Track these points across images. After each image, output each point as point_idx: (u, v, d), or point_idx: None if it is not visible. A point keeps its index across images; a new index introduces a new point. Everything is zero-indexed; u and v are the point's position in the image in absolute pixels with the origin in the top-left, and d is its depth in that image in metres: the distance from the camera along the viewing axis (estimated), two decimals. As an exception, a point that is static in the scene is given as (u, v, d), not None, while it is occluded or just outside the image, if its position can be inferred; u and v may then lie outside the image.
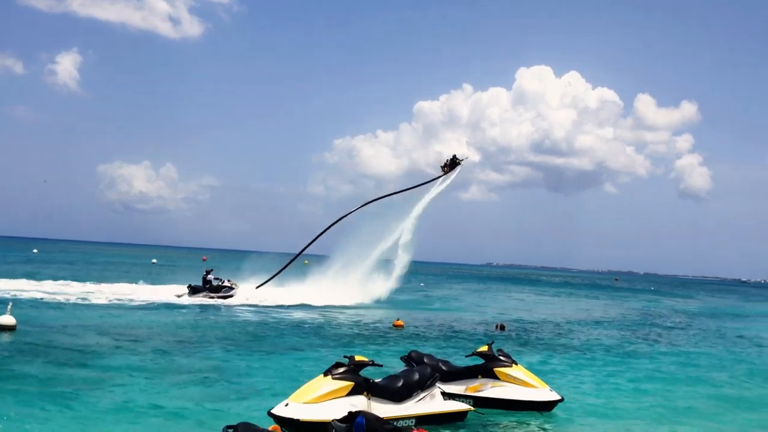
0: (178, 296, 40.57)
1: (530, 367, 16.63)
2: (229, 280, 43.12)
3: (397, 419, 13.13)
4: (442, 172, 48.58)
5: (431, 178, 48.44)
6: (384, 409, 13.14)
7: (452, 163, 48.80)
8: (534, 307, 52.77)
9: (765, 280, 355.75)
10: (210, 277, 42.14)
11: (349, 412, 8.28)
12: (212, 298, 40.43)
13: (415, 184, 48.58)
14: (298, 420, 12.14)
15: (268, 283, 46.58)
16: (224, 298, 40.79)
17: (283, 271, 48.02)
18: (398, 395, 13.44)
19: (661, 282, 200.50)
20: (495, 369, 15.26)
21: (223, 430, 8.93)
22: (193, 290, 41.25)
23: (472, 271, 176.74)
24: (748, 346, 33.30)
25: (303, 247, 49.14)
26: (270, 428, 11.25)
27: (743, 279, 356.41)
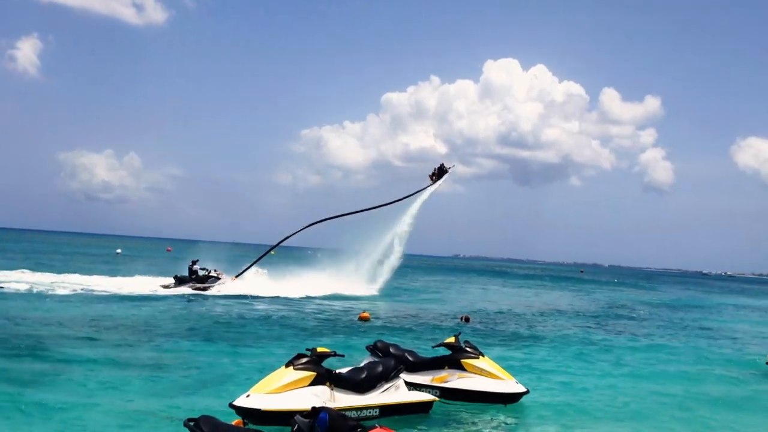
0: (164, 287, 39.91)
1: (496, 359, 16.60)
2: (215, 270, 42.58)
3: (361, 408, 13.07)
4: (431, 181, 49.03)
5: (421, 188, 48.76)
6: (347, 399, 13.06)
7: (440, 172, 49.50)
8: (500, 299, 53.06)
9: (725, 273, 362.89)
10: (196, 267, 41.64)
11: (313, 408, 8.13)
12: (198, 289, 39.90)
13: (405, 195, 48.69)
14: (259, 410, 12.00)
15: (248, 273, 45.49)
16: (205, 288, 40.27)
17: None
18: (361, 386, 13.35)
19: (625, 274, 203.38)
20: (461, 360, 15.23)
21: (184, 423, 8.72)
22: (180, 281, 40.76)
23: (439, 263, 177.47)
24: (710, 336, 33.81)
25: (280, 240, 49.01)
26: (234, 422, 11.06)
27: (704, 271, 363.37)
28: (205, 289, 40.33)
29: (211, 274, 41.67)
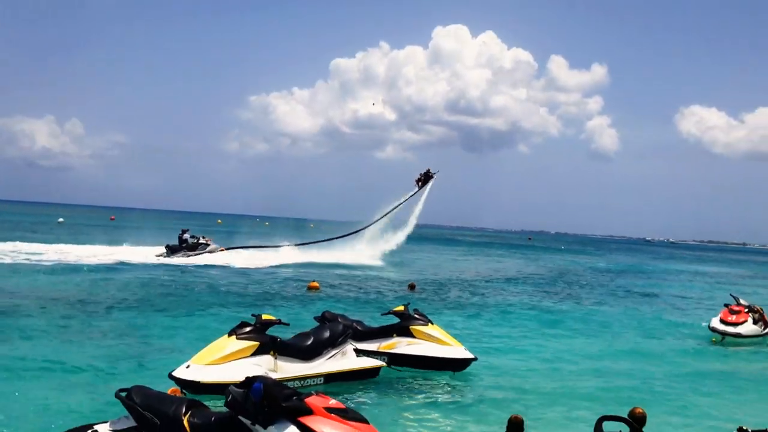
0: (158, 256, 40.55)
1: (445, 326, 16.66)
2: (203, 237, 43.82)
3: (306, 377, 12.92)
4: (417, 187, 51.70)
5: (409, 195, 52.28)
6: (292, 368, 12.89)
7: (426, 177, 52.08)
8: (449, 267, 53.42)
9: (668, 239, 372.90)
10: (186, 236, 42.67)
11: (247, 378, 7.95)
12: (189, 256, 40.99)
13: (397, 203, 52.52)
14: (198, 382, 11.78)
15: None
16: (196, 255, 41.41)
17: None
18: (307, 353, 13.20)
19: (571, 241, 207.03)
20: (411, 327, 15.21)
21: (116, 394, 8.47)
22: (171, 250, 41.59)
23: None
24: (654, 301, 34.69)
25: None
26: (170, 391, 10.79)
27: (648, 238, 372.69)
28: (195, 255, 41.37)
29: (200, 242, 42.78)
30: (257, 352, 12.53)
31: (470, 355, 15.20)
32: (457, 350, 15.19)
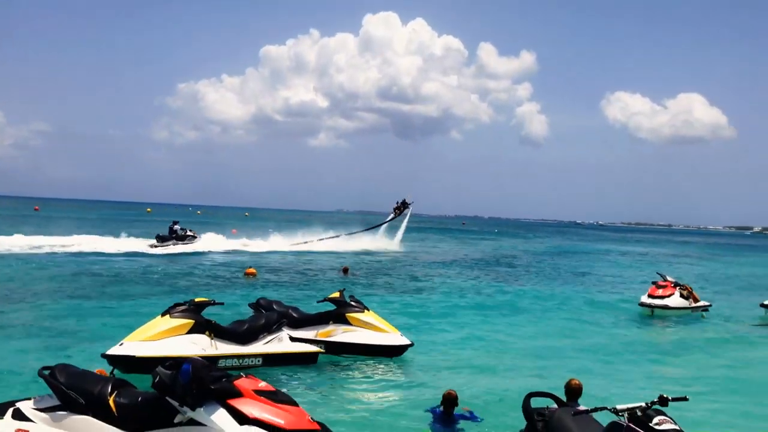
0: (150, 246, 43.17)
1: (380, 312, 16.66)
2: (190, 230, 47.43)
3: (243, 356, 12.87)
4: (394, 214, 58.57)
5: (388, 219, 59.80)
6: (229, 348, 12.84)
7: (403, 205, 58.67)
8: (384, 252, 53.58)
9: (597, 222, 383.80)
10: (176, 227, 46.08)
11: (175, 359, 7.86)
12: (177, 245, 43.91)
13: (380, 224, 60.79)
14: (133, 357, 11.58)
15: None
16: (185, 245, 44.48)
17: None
18: (243, 338, 13.16)
19: (504, 225, 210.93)
20: (347, 314, 15.17)
21: (39, 372, 8.21)
22: (161, 239, 44.70)
23: (322, 218, 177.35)
24: (587, 281, 35.61)
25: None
26: (96, 371, 10.53)
27: (578, 221, 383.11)
28: (184, 245, 44.65)
29: (188, 234, 46.24)
30: (193, 331, 12.42)
31: (406, 341, 15.24)
32: (393, 337, 15.22)
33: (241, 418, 7.40)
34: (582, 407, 7.90)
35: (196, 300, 12.90)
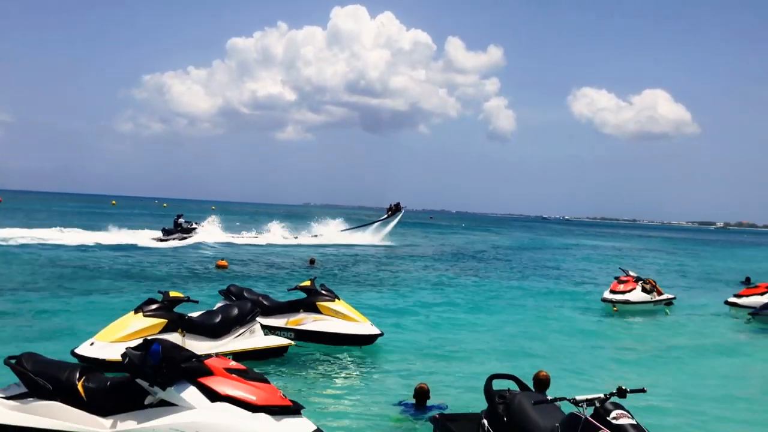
0: (155, 239, 44.23)
1: (350, 303, 16.71)
2: (196, 223, 49.72)
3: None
4: (387, 214, 61.62)
5: (381, 218, 62.28)
6: (200, 346, 12.66)
7: (396, 208, 61.30)
8: (352, 245, 53.62)
9: (564, 217, 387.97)
10: (181, 220, 48.50)
11: (145, 339, 7.84)
12: (184, 238, 45.20)
13: (372, 221, 63.39)
14: (103, 360, 11.38)
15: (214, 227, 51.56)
16: (184, 238, 45.61)
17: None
18: (215, 331, 13.01)
19: (471, 219, 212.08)
20: (317, 303, 15.22)
21: (5, 361, 8.14)
22: (167, 233, 46.46)
23: (289, 211, 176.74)
24: (553, 275, 36.05)
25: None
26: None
27: (545, 216, 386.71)
28: (189, 237, 45.90)
29: (192, 226, 48.18)
30: (165, 330, 12.21)
31: (376, 331, 15.34)
32: (363, 326, 15.31)
33: (213, 396, 7.43)
34: (547, 397, 8.04)
35: (171, 295, 12.73)
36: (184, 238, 45.23)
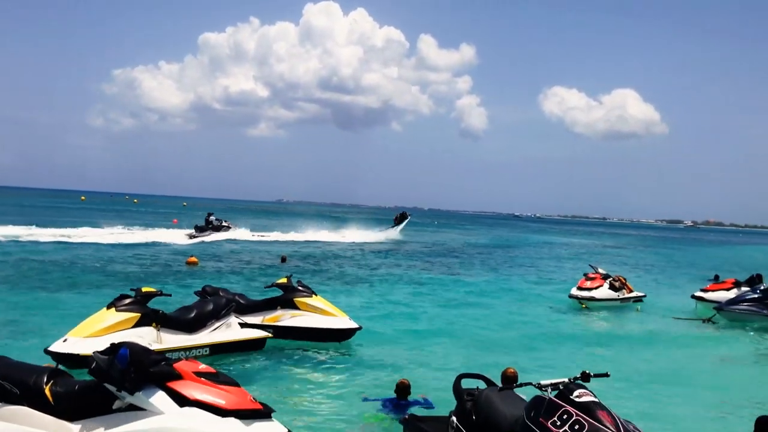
0: (189, 236, 47.49)
1: (326, 299, 16.81)
2: (226, 221, 52.47)
3: (189, 348, 12.83)
4: (395, 222, 67.85)
5: (390, 227, 67.97)
6: (176, 339, 12.76)
7: (402, 217, 68.09)
8: (325, 242, 53.75)
9: (535, 215, 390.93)
10: (212, 218, 51.21)
11: (112, 344, 7.78)
12: (211, 234, 48.36)
13: (385, 230, 67.56)
14: (77, 355, 11.38)
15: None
16: (214, 233, 48.89)
17: None
18: (191, 326, 13.10)
19: (444, 216, 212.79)
20: (294, 299, 15.34)
21: None
22: (200, 230, 49.62)
23: (262, 208, 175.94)
24: (523, 272, 36.52)
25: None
26: (45, 366, 10.43)
27: (517, 213, 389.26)
28: (219, 233, 49.08)
29: (223, 224, 51.02)
30: (139, 324, 12.27)
31: (354, 325, 15.54)
32: (341, 320, 15.48)
33: (182, 400, 7.34)
34: (528, 383, 8.27)
35: (143, 290, 12.76)
36: (213, 234, 48.83)
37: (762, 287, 22.63)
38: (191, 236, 47.78)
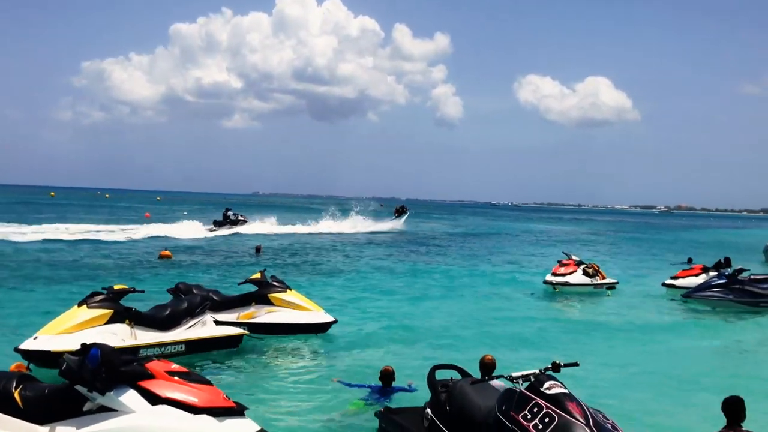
0: (209, 230, 49.79)
1: (301, 292, 16.84)
2: (242, 215, 54.85)
3: (164, 344, 12.80)
4: (395, 214, 68.74)
5: (391, 220, 67.67)
6: (150, 336, 12.72)
7: (402, 210, 69.65)
8: (301, 234, 53.69)
9: (512, 203, 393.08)
10: (229, 213, 53.97)
11: (83, 344, 7.75)
12: (231, 228, 50.75)
13: (385, 223, 66.58)
14: (48, 352, 11.27)
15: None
16: (233, 227, 51.28)
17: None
18: (165, 323, 13.07)
19: (422, 206, 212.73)
20: (269, 295, 15.37)
21: None
22: (218, 224, 51.65)
23: (238, 200, 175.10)
24: (500, 260, 36.76)
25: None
26: (12, 367, 10.37)
27: (494, 202, 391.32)
28: (238, 226, 51.64)
29: (239, 218, 53.42)
30: (112, 320, 12.20)
31: (330, 318, 15.62)
32: (317, 315, 15.56)
33: (154, 399, 7.33)
34: (500, 376, 8.36)
35: (116, 287, 12.68)
36: (232, 228, 50.97)
37: (727, 272, 23.06)
38: (210, 230, 50.24)
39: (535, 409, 6.64)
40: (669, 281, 25.66)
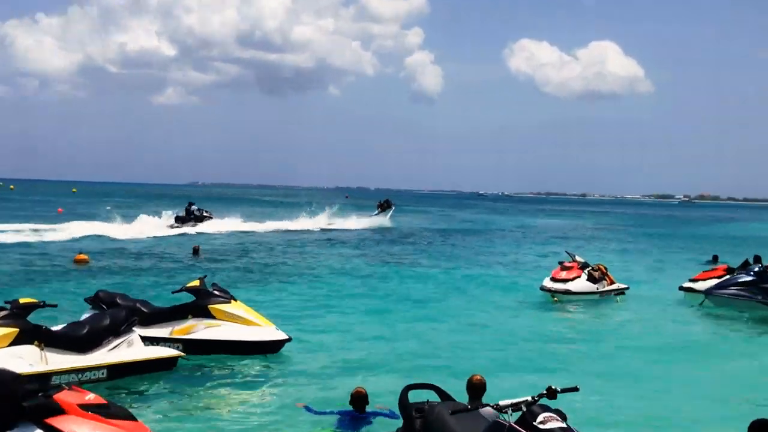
0: (169, 226, 51.66)
1: (247, 302, 16.71)
2: (206, 211, 56.79)
3: (82, 370, 12.66)
4: (378, 209, 71.06)
5: (373, 215, 70.63)
6: (66, 360, 12.55)
7: (386, 204, 71.61)
8: (252, 232, 53.52)
9: (503, 193, 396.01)
10: (193, 208, 55.85)
11: None
12: (195, 225, 52.82)
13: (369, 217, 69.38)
14: None
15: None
16: (197, 225, 53.16)
17: None
18: (83, 344, 12.89)
19: (395, 197, 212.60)
20: (209, 306, 15.27)
21: None
22: (181, 220, 53.99)
23: (172, 192, 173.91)
24: (487, 262, 36.93)
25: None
26: None
27: (481, 192, 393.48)
28: (201, 224, 53.25)
29: (204, 214, 55.43)
30: (17, 341, 12.04)
31: (283, 336, 15.54)
32: (267, 331, 15.46)
33: None
34: (467, 405, 8.29)
35: (21, 301, 12.55)
36: (196, 225, 52.97)
37: (756, 269, 23.22)
38: (171, 227, 51.98)
39: None
40: (687, 284, 25.83)
